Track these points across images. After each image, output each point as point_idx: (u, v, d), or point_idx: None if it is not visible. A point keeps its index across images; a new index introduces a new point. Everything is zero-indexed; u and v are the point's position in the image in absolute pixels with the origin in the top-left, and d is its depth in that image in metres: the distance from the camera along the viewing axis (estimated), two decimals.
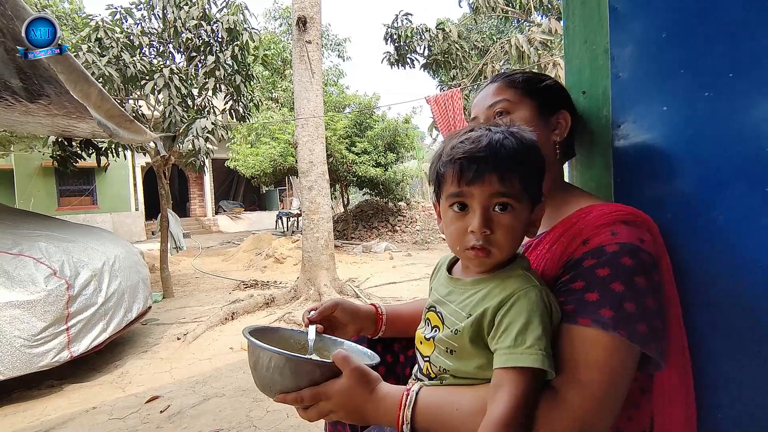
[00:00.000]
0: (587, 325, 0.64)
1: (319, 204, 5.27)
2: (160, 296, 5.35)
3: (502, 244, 0.67)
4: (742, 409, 0.76)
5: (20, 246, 2.84)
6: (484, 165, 0.65)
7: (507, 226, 0.66)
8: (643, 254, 0.67)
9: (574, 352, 0.65)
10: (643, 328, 0.64)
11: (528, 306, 0.64)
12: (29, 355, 2.56)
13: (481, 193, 0.65)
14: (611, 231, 0.69)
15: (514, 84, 0.88)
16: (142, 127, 4.07)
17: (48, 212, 8.63)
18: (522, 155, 0.66)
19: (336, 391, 0.72)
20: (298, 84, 5.30)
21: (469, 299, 0.71)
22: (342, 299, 1.00)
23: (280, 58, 14.91)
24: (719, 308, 0.76)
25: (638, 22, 0.86)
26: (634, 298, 0.64)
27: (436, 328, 0.76)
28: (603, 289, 0.65)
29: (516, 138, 0.67)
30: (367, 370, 0.74)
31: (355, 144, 10.36)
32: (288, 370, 0.72)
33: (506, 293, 0.67)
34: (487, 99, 0.89)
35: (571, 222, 0.76)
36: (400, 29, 7.91)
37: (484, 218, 0.66)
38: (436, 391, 0.72)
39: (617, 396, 0.64)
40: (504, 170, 0.65)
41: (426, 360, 0.77)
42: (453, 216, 0.69)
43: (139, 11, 5.55)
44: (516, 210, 0.66)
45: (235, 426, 2.28)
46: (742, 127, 0.74)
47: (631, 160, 0.87)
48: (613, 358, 0.63)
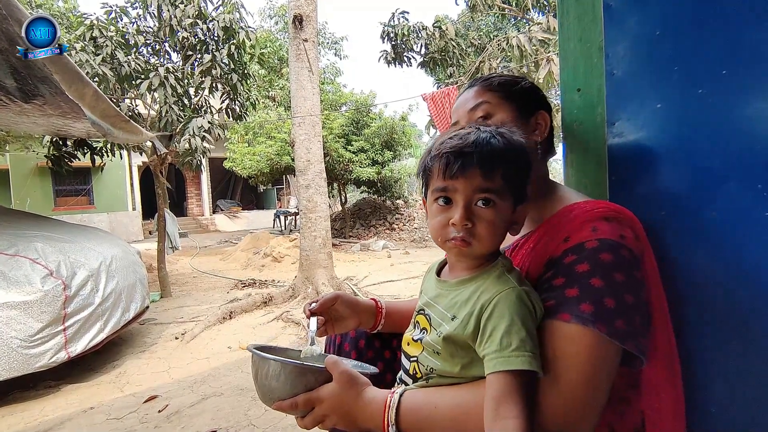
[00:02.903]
0: (567, 321, 0.65)
1: (317, 202, 5.27)
2: (157, 296, 5.34)
3: (483, 236, 0.68)
4: (732, 403, 0.76)
5: (16, 246, 2.82)
6: (469, 159, 0.66)
7: (488, 220, 0.67)
8: (624, 250, 0.67)
9: (555, 347, 0.65)
10: (621, 324, 0.64)
11: (509, 308, 0.64)
12: (26, 355, 2.56)
13: (465, 187, 0.67)
14: (592, 227, 0.70)
15: (492, 87, 0.89)
16: (138, 127, 4.05)
17: (44, 212, 8.59)
18: (507, 154, 0.68)
19: (327, 395, 0.74)
20: (295, 82, 5.28)
21: (452, 301, 0.72)
22: (342, 292, 1.02)
23: (276, 57, 14.87)
24: (711, 305, 0.76)
25: (632, 20, 0.86)
26: (614, 294, 0.65)
27: (424, 331, 0.77)
28: (582, 285, 0.66)
29: (503, 138, 0.69)
30: (355, 373, 0.76)
31: (352, 142, 10.35)
32: (283, 375, 0.75)
33: (486, 297, 0.67)
34: (467, 103, 0.90)
35: (554, 221, 0.77)
36: (397, 27, 7.89)
37: (465, 211, 0.67)
38: (418, 392, 0.74)
39: (598, 391, 0.65)
40: (488, 166, 0.66)
41: (413, 360, 0.78)
42: (437, 209, 0.70)
43: (134, 10, 5.52)
44: (498, 206, 0.68)
45: (233, 425, 2.28)
46: (735, 124, 0.74)
47: (625, 157, 0.87)
48: (592, 353, 0.64)
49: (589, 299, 0.65)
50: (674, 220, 0.78)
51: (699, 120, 0.78)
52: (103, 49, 4.92)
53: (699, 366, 0.76)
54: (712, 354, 0.76)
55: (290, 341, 3.70)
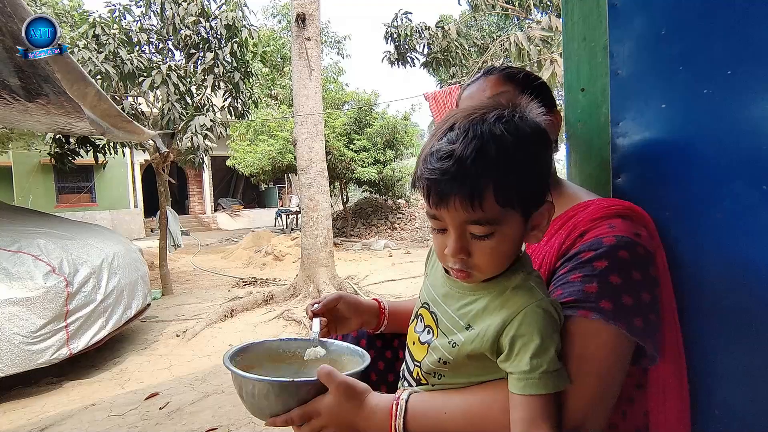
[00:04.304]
0: (586, 317, 0.64)
1: (318, 201, 5.27)
2: (159, 293, 5.35)
3: (483, 267, 0.62)
4: (736, 405, 0.76)
5: (19, 243, 2.83)
6: (448, 187, 0.56)
7: (486, 250, 0.60)
8: (639, 248, 0.67)
9: (574, 343, 0.64)
10: (639, 322, 0.64)
11: (538, 325, 0.60)
12: (28, 351, 2.56)
13: (452, 218, 0.58)
14: (609, 224, 0.69)
15: (513, 78, 0.87)
16: (140, 127, 4.05)
17: (47, 209, 8.61)
18: (507, 162, 0.55)
19: (325, 408, 0.71)
20: (297, 81, 5.29)
21: (467, 307, 0.68)
22: (345, 293, 1.00)
23: (279, 55, 14.86)
24: (717, 305, 0.76)
25: (637, 19, 0.86)
26: (632, 292, 0.64)
27: (429, 329, 0.74)
28: (601, 281, 0.65)
29: (508, 132, 0.56)
30: (353, 382, 0.71)
31: (354, 141, 10.35)
32: (273, 394, 0.70)
33: (510, 310, 0.62)
34: (486, 91, 0.87)
35: (569, 216, 0.76)
36: (400, 28, 7.88)
37: (458, 244, 0.60)
38: (425, 397, 0.71)
39: (613, 388, 0.65)
40: (474, 194, 0.55)
41: (416, 365, 0.75)
42: (434, 233, 0.65)
43: (138, 8, 5.53)
44: (498, 233, 0.58)
45: (234, 422, 2.29)
46: (741, 124, 0.73)
47: (629, 157, 0.87)
48: (611, 350, 0.63)
49: (608, 296, 0.64)
50: (679, 220, 0.78)
51: (704, 120, 0.77)
52: (106, 46, 4.93)
53: (702, 367, 0.76)
54: (715, 355, 0.76)
55: None
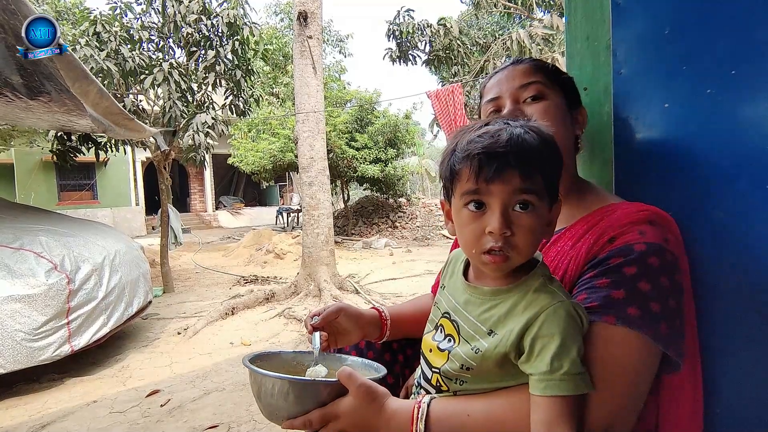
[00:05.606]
0: (612, 323, 0.63)
1: (320, 200, 5.27)
2: (160, 291, 5.37)
3: (522, 247, 0.62)
4: (738, 404, 0.76)
5: (21, 240, 2.84)
6: (505, 161, 0.60)
7: (528, 226, 0.62)
8: (668, 254, 0.67)
9: (599, 349, 0.63)
10: (665, 329, 0.63)
11: (559, 326, 0.60)
12: (30, 348, 2.57)
13: (502, 191, 0.61)
14: (639, 231, 0.68)
15: (545, 69, 0.85)
16: (142, 125, 4.06)
17: (48, 207, 8.60)
18: (543, 151, 0.62)
19: (344, 410, 0.70)
20: (299, 79, 5.28)
21: (489, 313, 0.67)
22: (346, 305, 0.96)
23: (281, 53, 14.85)
24: (718, 306, 0.76)
25: (640, 18, 0.86)
26: (659, 298, 0.64)
27: (450, 338, 0.72)
28: (629, 288, 0.64)
29: (536, 133, 0.63)
30: (374, 386, 0.71)
31: (356, 139, 10.35)
32: (292, 394, 0.70)
33: (532, 312, 0.62)
34: (515, 80, 0.84)
35: (595, 220, 0.75)
36: (402, 25, 7.87)
37: (504, 218, 0.61)
38: (446, 401, 0.70)
39: (639, 396, 0.64)
40: (526, 167, 0.60)
41: (435, 372, 0.73)
42: (468, 216, 0.64)
43: (139, 5, 5.53)
44: (537, 209, 0.62)
45: (235, 420, 2.29)
46: (744, 123, 0.73)
47: (632, 156, 0.87)
48: (637, 357, 0.63)
49: (635, 303, 0.63)
50: (681, 220, 0.78)
51: (707, 119, 0.77)
52: (108, 44, 4.93)
53: (705, 366, 0.76)
54: (718, 355, 0.76)
55: (292, 338, 3.71)
